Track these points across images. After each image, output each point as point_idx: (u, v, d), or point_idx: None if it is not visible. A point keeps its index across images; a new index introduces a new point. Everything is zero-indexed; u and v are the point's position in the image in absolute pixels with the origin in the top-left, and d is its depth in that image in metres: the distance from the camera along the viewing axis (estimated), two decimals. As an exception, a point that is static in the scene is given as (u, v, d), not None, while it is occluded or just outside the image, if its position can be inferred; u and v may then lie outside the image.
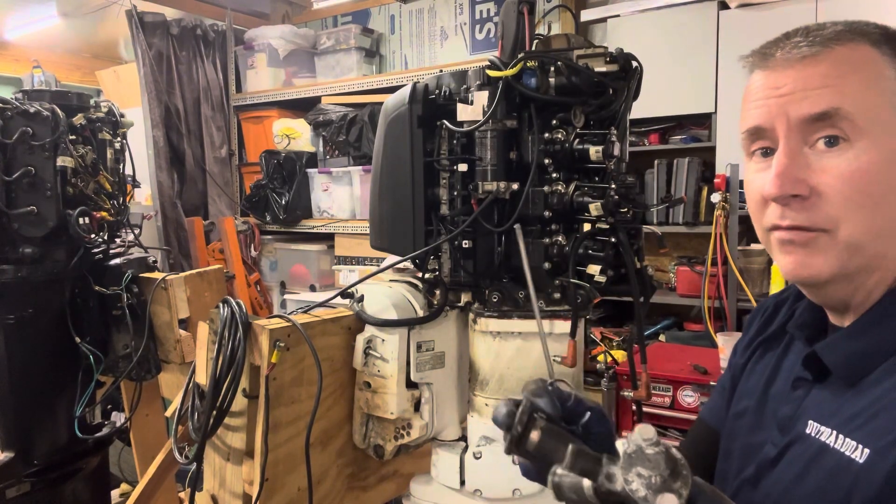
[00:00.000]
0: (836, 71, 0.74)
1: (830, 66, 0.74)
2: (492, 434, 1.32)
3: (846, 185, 0.71)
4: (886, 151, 0.71)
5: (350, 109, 3.97)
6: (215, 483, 1.37)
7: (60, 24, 4.78)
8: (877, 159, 0.71)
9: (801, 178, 0.74)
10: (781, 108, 0.76)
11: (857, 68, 0.74)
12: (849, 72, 0.73)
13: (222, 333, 1.25)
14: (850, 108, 0.72)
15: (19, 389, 2.04)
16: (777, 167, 0.75)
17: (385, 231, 1.40)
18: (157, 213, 4.25)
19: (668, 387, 2.44)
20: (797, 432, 0.79)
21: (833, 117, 0.72)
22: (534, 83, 1.23)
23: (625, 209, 1.17)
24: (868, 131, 0.72)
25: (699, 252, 3.49)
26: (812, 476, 0.76)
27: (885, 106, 0.73)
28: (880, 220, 0.72)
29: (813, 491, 0.75)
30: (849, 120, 0.72)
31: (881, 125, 0.72)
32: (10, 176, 1.87)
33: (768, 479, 0.82)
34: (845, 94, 0.72)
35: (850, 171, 0.71)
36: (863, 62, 0.74)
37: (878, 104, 0.72)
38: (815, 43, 0.77)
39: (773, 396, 0.87)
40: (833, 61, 0.74)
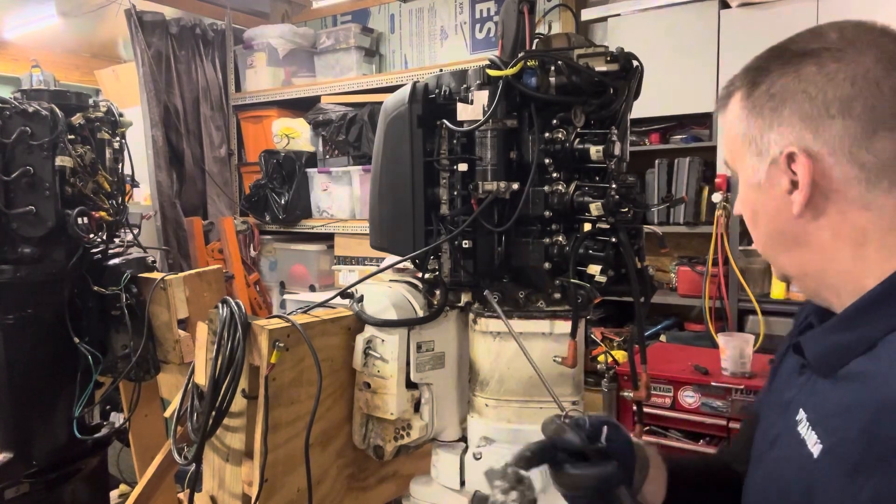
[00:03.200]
0: (724, 128, 0.90)
1: (722, 123, 0.91)
2: (492, 435, 1.31)
3: (740, 205, 0.91)
4: (743, 183, 0.87)
5: (350, 109, 3.97)
6: (214, 484, 1.37)
7: (59, 23, 4.77)
8: (744, 193, 0.88)
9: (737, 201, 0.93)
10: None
11: (725, 117, 0.89)
12: (724, 126, 0.89)
13: (221, 334, 1.24)
14: (727, 157, 0.90)
15: (18, 390, 2.03)
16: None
17: (385, 231, 1.40)
18: (156, 213, 4.25)
19: (668, 387, 2.44)
20: (789, 417, 0.82)
21: (728, 164, 0.91)
22: (534, 83, 1.22)
23: (625, 209, 1.16)
24: (737, 169, 0.87)
25: (700, 252, 3.48)
26: (788, 463, 0.80)
27: (738, 143, 0.85)
28: (760, 237, 0.88)
29: (785, 477, 0.80)
30: (728, 161, 0.90)
31: (738, 162, 0.86)
32: (8, 176, 1.86)
33: (765, 460, 0.87)
34: (726, 145, 0.90)
35: (739, 197, 0.90)
36: (729, 109, 0.88)
37: (733, 146, 0.87)
38: (721, 100, 0.91)
39: (785, 381, 0.91)
40: (722, 119, 0.90)
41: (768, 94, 0.81)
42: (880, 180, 0.74)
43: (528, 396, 1.30)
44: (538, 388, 1.30)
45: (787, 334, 1.09)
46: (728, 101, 0.88)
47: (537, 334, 1.29)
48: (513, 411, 1.31)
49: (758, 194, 0.84)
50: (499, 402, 1.31)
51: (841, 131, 0.75)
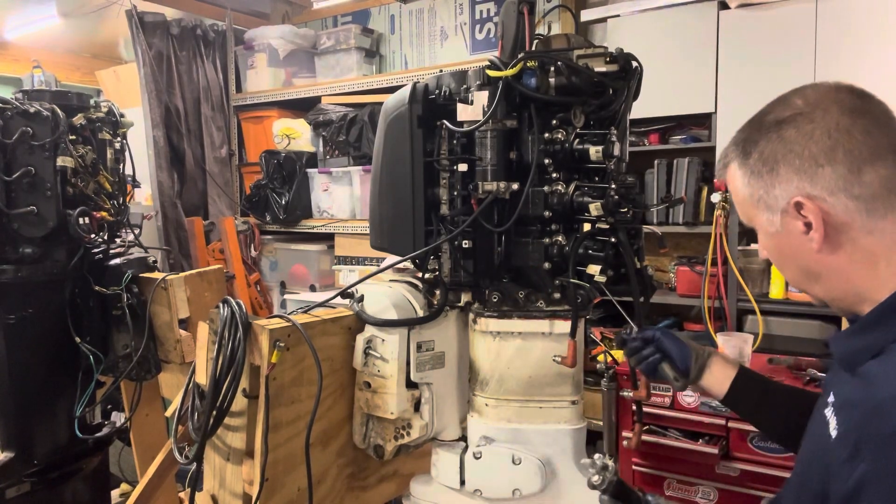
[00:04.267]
0: (732, 193, 1.04)
1: (730, 189, 1.04)
2: (492, 434, 1.32)
3: (766, 253, 1.03)
4: (764, 235, 1.00)
5: (350, 109, 3.97)
6: (215, 483, 1.37)
7: (60, 23, 4.77)
8: (766, 242, 1.01)
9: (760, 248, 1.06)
10: None
11: (731, 186, 1.02)
12: (732, 191, 1.03)
13: (222, 333, 1.25)
14: (742, 217, 1.04)
15: (19, 389, 2.04)
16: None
17: (385, 231, 1.40)
18: (157, 213, 4.25)
19: (668, 387, 2.44)
20: (825, 397, 0.96)
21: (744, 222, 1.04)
22: (534, 83, 1.23)
23: (625, 209, 1.17)
24: (755, 225, 1.00)
25: (699, 252, 3.48)
26: (815, 440, 0.94)
27: (749, 205, 0.99)
28: (792, 275, 1.00)
29: (812, 450, 0.95)
30: (747, 222, 1.03)
31: (754, 220, 1.00)
32: (10, 176, 1.87)
33: (808, 431, 1.01)
34: (737, 207, 1.04)
35: (763, 246, 1.03)
36: (730, 181, 1.02)
37: (746, 208, 1.00)
38: (719, 172, 1.08)
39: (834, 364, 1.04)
40: (729, 186, 1.04)
41: (762, 160, 0.95)
42: (876, 208, 0.89)
43: (528, 396, 1.31)
44: (538, 387, 1.31)
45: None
46: (726, 171, 1.03)
47: (537, 334, 1.29)
48: (513, 411, 1.31)
49: (779, 241, 0.97)
50: (499, 402, 1.31)
51: (832, 175, 0.89)
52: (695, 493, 2.41)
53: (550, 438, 1.30)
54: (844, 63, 2.93)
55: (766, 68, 3.07)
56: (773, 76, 3.06)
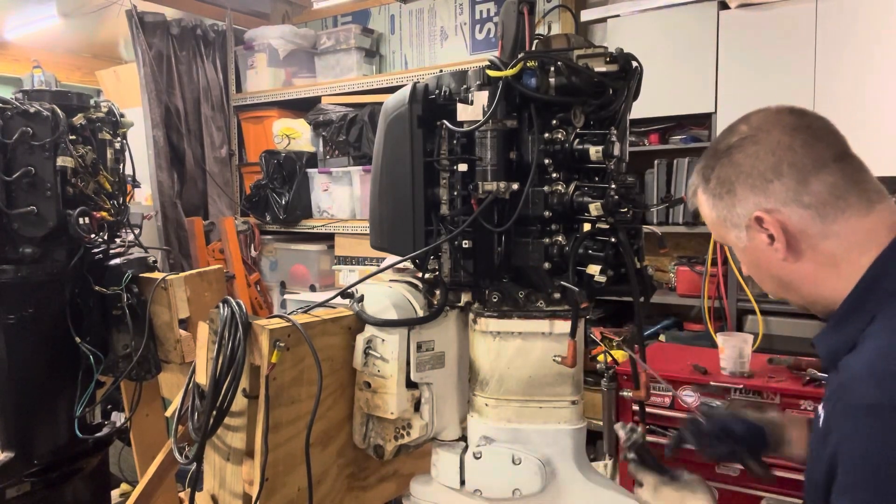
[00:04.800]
0: (703, 215, 1.12)
1: (701, 213, 1.12)
2: (492, 434, 1.32)
3: (744, 269, 1.11)
4: (738, 252, 1.08)
5: (350, 109, 3.97)
6: (215, 483, 1.37)
7: (60, 24, 4.77)
8: (741, 257, 1.09)
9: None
10: None
11: (701, 210, 1.11)
12: (702, 214, 1.11)
13: (222, 333, 1.25)
14: (715, 237, 1.12)
15: (20, 389, 2.04)
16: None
17: (385, 231, 1.40)
18: (157, 213, 4.25)
19: (668, 387, 2.44)
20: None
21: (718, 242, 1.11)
22: (534, 83, 1.23)
23: (625, 209, 1.17)
24: (729, 244, 1.09)
25: (699, 252, 3.48)
26: (813, 433, 1.03)
27: (718, 226, 1.08)
28: (770, 286, 1.08)
29: (811, 444, 1.03)
30: (721, 242, 1.11)
31: (725, 238, 1.08)
32: (10, 176, 1.87)
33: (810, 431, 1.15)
34: (712, 230, 1.11)
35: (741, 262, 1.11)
36: (700, 206, 1.11)
37: (717, 229, 1.09)
38: (689, 198, 1.15)
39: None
40: (700, 210, 1.12)
41: (719, 184, 1.05)
42: (827, 213, 0.97)
43: (528, 396, 1.31)
44: (538, 387, 1.31)
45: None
46: (695, 198, 1.12)
47: (537, 334, 1.29)
48: (513, 411, 1.31)
49: (750, 255, 1.06)
50: (499, 402, 1.31)
51: (781, 188, 0.98)
52: (695, 493, 2.41)
53: (550, 438, 1.30)
54: (844, 63, 2.94)
55: (766, 68, 3.07)
56: (773, 76, 3.06)
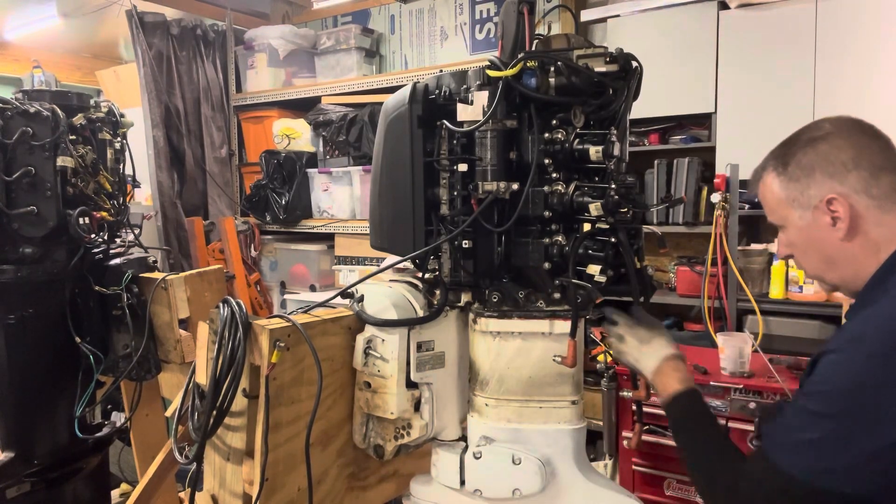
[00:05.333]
0: (762, 200, 1.26)
1: (760, 197, 1.26)
2: (492, 434, 1.32)
3: (791, 248, 1.24)
4: (794, 230, 1.20)
5: (350, 109, 3.97)
6: (215, 483, 1.38)
7: (60, 24, 4.77)
8: (794, 236, 1.21)
9: (783, 247, 1.27)
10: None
11: (765, 194, 1.24)
12: (765, 195, 1.24)
13: (222, 333, 1.25)
14: (772, 220, 1.25)
15: (19, 389, 2.04)
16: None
17: (385, 231, 1.40)
18: (157, 213, 4.25)
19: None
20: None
21: (772, 223, 1.26)
22: (534, 83, 1.23)
23: (625, 209, 1.17)
24: (786, 223, 1.21)
25: (699, 252, 3.48)
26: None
27: (782, 206, 1.20)
28: (813, 263, 1.21)
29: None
30: (776, 222, 1.24)
31: (786, 219, 1.21)
32: (10, 176, 1.87)
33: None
34: (769, 211, 1.25)
35: (789, 242, 1.24)
36: (766, 188, 1.23)
37: (779, 209, 1.21)
38: (751, 185, 1.30)
39: None
40: (759, 195, 1.26)
41: (799, 168, 1.17)
42: (885, 206, 1.12)
43: (528, 396, 1.31)
44: (538, 387, 1.31)
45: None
46: (762, 175, 1.24)
47: (537, 334, 1.29)
48: (513, 411, 1.31)
49: (808, 233, 1.18)
50: (499, 402, 1.32)
51: (857, 178, 1.13)
52: (695, 494, 2.41)
53: (550, 438, 1.30)
54: (844, 63, 2.94)
55: (766, 68, 3.07)
56: (773, 76, 3.06)
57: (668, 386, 1.22)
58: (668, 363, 1.25)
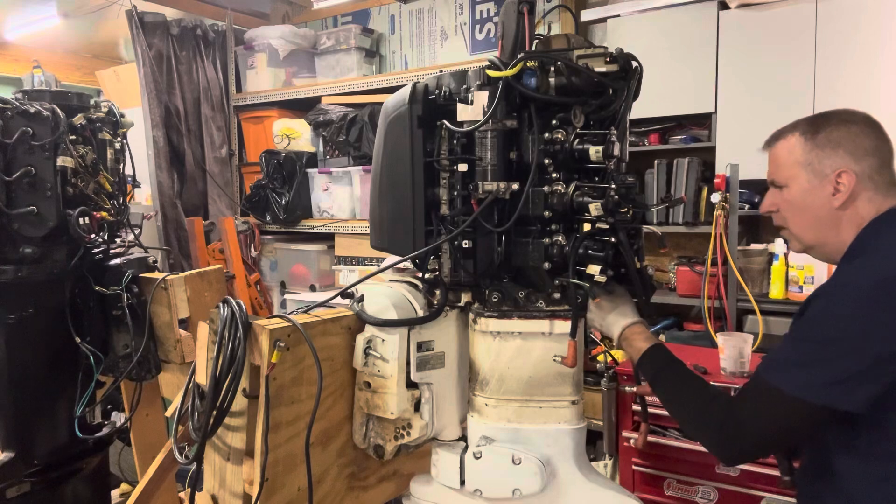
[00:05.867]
0: (774, 157, 1.38)
1: (772, 154, 1.39)
2: (492, 434, 1.32)
3: (784, 205, 1.36)
4: (796, 190, 1.33)
5: (350, 109, 3.97)
6: (215, 483, 1.38)
7: (60, 24, 4.77)
8: (793, 195, 1.34)
9: (772, 203, 1.40)
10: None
11: (783, 151, 1.36)
12: (780, 153, 1.36)
13: (222, 333, 1.25)
14: (776, 177, 1.37)
15: (19, 389, 2.04)
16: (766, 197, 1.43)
17: (385, 231, 1.40)
18: (157, 213, 4.25)
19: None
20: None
21: (775, 180, 1.39)
22: (534, 83, 1.23)
23: (625, 209, 1.17)
24: (791, 182, 1.34)
25: (699, 252, 3.48)
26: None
27: (796, 166, 1.33)
28: (802, 222, 1.34)
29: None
30: (779, 180, 1.37)
31: (793, 178, 1.34)
32: (10, 176, 1.87)
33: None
34: (778, 168, 1.37)
35: (784, 199, 1.36)
36: (787, 147, 1.35)
37: (791, 168, 1.34)
38: (770, 141, 1.41)
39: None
40: (773, 151, 1.39)
41: (828, 139, 1.31)
42: (879, 189, 1.30)
43: (528, 396, 1.31)
44: (538, 387, 1.31)
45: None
46: (786, 135, 1.36)
47: (537, 334, 1.29)
48: (513, 411, 1.31)
49: (809, 195, 1.32)
50: (499, 402, 1.32)
51: (869, 164, 1.29)
52: (695, 493, 2.41)
53: (550, 438, 1.30)
54: (844, 63, 2.94)
55: (766, 68, 3.07)
56: (773, 76, 3.06)
57: (635, 346, 1.31)
58: (631, 328, 1.32)
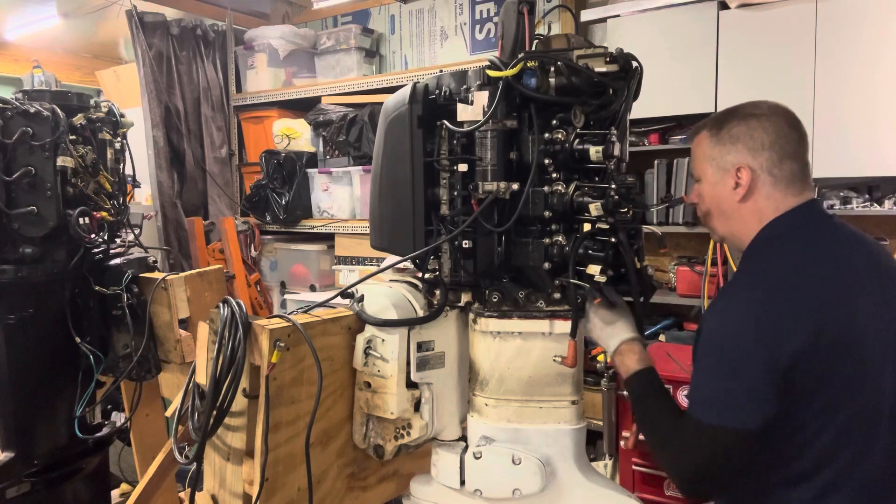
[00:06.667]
0: (692, 151, 1.45)
1: (692, 149, 1.46)
2: (492, 434, 1.32)
3: (699, 199, 1.43)
4: (706, 184, 1.40)
5: (350, 109, 3.97)
6: (215, 483, 1.38)
7: (60, 24, 4.77)
8: (707, 189, 1.40)
9: (696, 195, 1.46)
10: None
11: (696, 147, 1.43)
12: (694, 147, 1.44)
13: (222, 333, 1.25)
14: (693, 171, 1.45)
15: (19, 389, 2.04)
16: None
17: (385, 231, 1.40)
18: (157, 213, 4.25)
19: (668, 387, 2.44)
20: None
21: (692, 174, 1.46)
22: (534, 83, 1.23)
23: (625, 209, 1.17)
24: (702, 176, 1.41)
25: (699, 252, 3.48)
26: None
27: (704, 161, 1.39)
28: (711, 212, 1.41)
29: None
30: (695, 174, 1.44)
31: (703, 172, 1.40)
32: (10, 176, 1.87)
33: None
34: (693, 162, 1.44)
35: (700, 192, 1.42)
36: (698, 142, 1.42)
37: (701, 163, 1.40)
38: (689, 136, 1.53)
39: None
40: (692, 147, 1.45)
41: (729, 135, 1.36)
42: (778, 185, 1.33)
43: (528, 396, 1.31)
44: (538, 387, 1.31)
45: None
46: (700, 131, 1.42)
47: (537, 334, 1.29)
48: (512, 410, 1.31)
49: (715, 189, 1.38)
50: (498, 402, 1.32)
51: (767, 157, 1.33)
52: (695, 493, 2.41)
53: (550, 438, 1.30)
54: (844, 63, 2.94)
55: (766, 68, 3.07)
56: (773, 76, 3.06)
57: (627, 365, 1.32)
58: (626, 345, 1.33)
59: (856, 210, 2.97)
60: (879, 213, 2.99)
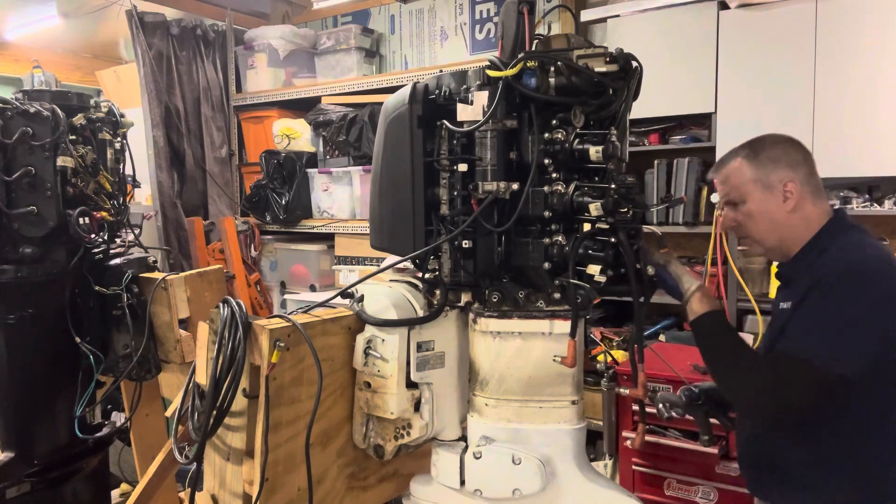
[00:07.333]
0: (724, 180, 1.64)
1: (721, 178, 1.65)
2: (492, 434, 1.32)
3: (743, 218, 1.60)
4: (753, 203, 1.58)
5: (350, 109, 3.97)
6: (215, 483, 1.38)
7: (60, 23, 4.77)
8: (752, 208, 1.58)
9: (732, 219, 1.64)
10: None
11: (734, 174, 1.61)
12: (731, 176, 1.62)
13: (222, 333, 1.25)
14: (733, 196, 1.62)
15: (20, 389, 2.04)
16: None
17: (385, 231, 1.40)
18: (157, 213, 4.25)
19: (667, 387, 2.44)
20: (778, 306, 1.64)
21: (730, 199, 1.63)
22: (534, 83, 1.23)
23: (624, 209, 1.17)
24: (748, 198, 1.58)
25: (699, 252, 3.49)
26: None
27: (749, 184, 1.58)
28: (762, 227, 1.59)
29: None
30: (735, 198, 1.61)
31: (748, 194, 1.58)
32: (10, 176, 1.87)
33: (769, 330, 1.70)
34: (732, 188, 1.61)
35: (742, 214, 1.60)
36: (736, 170, 1.61)
37: (745, 186, 1.58)
38: (717, 168, 1.69)
39: (777, 302, 1.69)
40: (723, 174, 1.64)
41: (768, 157, 1.58)
42: (814, 193, 1.57)
43: (528, 396, 1.31)
44: (538, 387, 1.31)
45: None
46: (730, 161, 1.62)
47: (537, 334, 1.29)
48: (512, 410, 1.31)
49: (764, 205, 1.57)
50: (498, 402, 1.32)
51: (803, 171, 1.57)
52: (695, 493, 2.42)
53: (550, 438, 1.30)
54: (844, 63, 2.94)
55: (766, 68, 3.07)
56: (773, 76, 3.06)
57: (713, 303, 1.55)
58: (702, 289, 1.58)
59: (856, 210, 2.97)
60: (879, 213, 2.99)
